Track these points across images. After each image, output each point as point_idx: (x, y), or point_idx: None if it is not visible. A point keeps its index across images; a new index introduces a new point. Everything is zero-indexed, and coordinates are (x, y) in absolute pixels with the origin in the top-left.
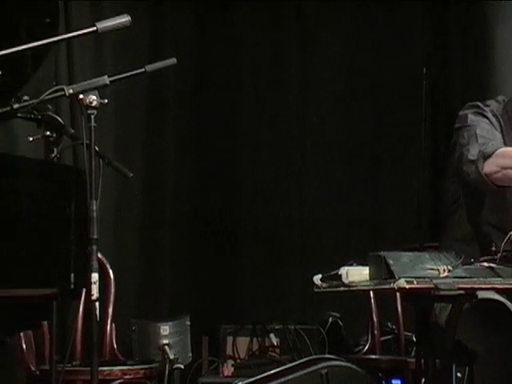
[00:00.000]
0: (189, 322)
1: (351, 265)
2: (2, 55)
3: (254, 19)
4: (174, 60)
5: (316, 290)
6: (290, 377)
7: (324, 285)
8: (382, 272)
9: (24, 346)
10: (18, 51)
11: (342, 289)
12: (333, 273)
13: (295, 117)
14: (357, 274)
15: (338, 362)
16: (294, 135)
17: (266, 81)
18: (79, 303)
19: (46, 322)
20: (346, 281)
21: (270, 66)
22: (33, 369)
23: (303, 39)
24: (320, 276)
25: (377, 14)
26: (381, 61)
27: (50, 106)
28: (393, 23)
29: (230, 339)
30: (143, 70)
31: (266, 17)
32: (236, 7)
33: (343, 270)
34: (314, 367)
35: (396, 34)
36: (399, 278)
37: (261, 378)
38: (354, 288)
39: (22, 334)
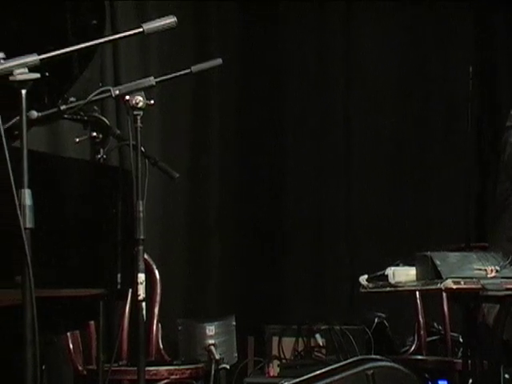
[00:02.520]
0: (234, 322)
1: (398, 265)
2: (50, 57)
3: (300, 19)
4: (219, 60)
5: (362, 290)
6: (336, 377)
7: (370, 285)
8: (429, 272)
9: (71, 345)
10: (65, 53)
11: (388, 289)
12: (379, 273)
13: (340, 117)
14: (403, 275)
15: (383, 363)
16: (340, 136)
17: (312, 79)
18: (126, 303)
19: (93, 322)
20: (392, 281)
21: (317, 63)
22: (80, 368)
23: (350, 40)
24: (366, 276)
25: (423, 14)
26: (427, 60)
27: (96, 107)
28: (439, 22)
29: (275, 339)
30: (189, 70)
31: (313, 17)
32: (282, 7)
33: (390, 271)
34: (360, 368)
35: (442, 33)
36: (446, 279)
37: (306, 379)
38: (401, 288)
39: (69, 334)
